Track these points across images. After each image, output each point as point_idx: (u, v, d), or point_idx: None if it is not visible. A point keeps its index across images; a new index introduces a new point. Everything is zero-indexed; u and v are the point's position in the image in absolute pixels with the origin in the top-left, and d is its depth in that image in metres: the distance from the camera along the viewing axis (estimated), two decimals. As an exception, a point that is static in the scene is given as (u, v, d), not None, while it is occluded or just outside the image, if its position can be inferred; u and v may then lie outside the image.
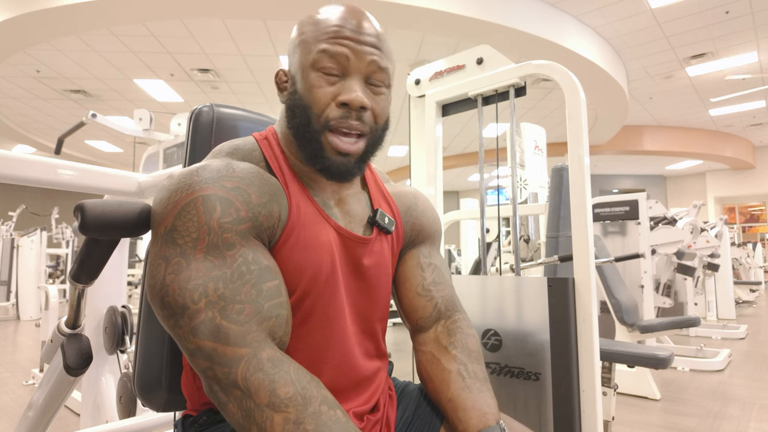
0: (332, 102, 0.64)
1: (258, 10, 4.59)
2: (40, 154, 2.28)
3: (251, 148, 0.69)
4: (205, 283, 0.56)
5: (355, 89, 0.64)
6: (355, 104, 0.63)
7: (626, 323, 2.63)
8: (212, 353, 0.55)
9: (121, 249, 1.70)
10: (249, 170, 0.64)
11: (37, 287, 6.20)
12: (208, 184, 0.59)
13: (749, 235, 13.35)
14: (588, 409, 1.01)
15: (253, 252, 0.60)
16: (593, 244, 1.07)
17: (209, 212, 0.58)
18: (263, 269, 0.60)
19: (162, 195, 0.60)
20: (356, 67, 0.64)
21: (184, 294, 0.56)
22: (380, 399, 0.75)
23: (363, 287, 0.72)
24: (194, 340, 0.55)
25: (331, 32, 0.64)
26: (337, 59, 0.64)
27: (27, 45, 5.31)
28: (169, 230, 0.58)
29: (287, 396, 0.54)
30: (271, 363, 0.56)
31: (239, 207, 0.60)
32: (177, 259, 0.57)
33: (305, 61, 0.65)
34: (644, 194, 3.40)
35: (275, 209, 0.63)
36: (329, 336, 0.67)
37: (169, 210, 0.59)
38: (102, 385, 1.62)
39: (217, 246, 0.58)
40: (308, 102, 0.65)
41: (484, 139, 1.31)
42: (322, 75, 0.64)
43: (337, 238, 0.69)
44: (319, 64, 0.64)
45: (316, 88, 0.64)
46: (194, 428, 0.68)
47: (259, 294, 0.58)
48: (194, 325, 0.55)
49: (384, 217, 0.75)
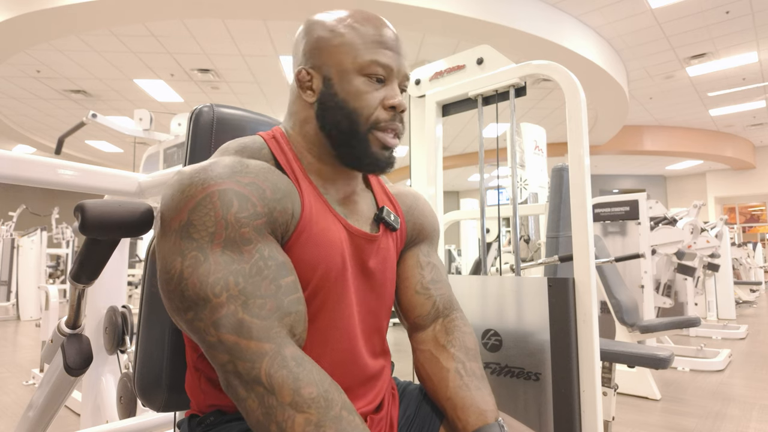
0: (379, 105, 0.69)
1: (258, 10, 4.59)
2: (41, 154, 2.28)
3: (259, 147, 0.69)
4: (226, 277, 0.56)
5: (399, 94, 0.71)
6: (401, 108, 0.70)
7: (626, 323, 2.63)
8: (234, 347, 0.55)
9: (121, 249, 1.71)
10: (262, 166, 0.64)
11: (38, 287, 6.21)
12: (224, 179, 0.59)
13: (749, 235, 13.35)
14: (588, 409, 1.01)
15: (269, 248, 0.60)
16: (593, 244, 1.07)
17: (226, 207, 0.58)
18: (280, 265, 0.60)
19: (174, 190, 0.60)
20: (396, 75, 0.70)
21: (204, 287, 0.56)
22: (384, 398, 0.75)
23: (370, 284, 0.73)
24: (216, 333, 0.55)
25: (377, 41, 0.68)
26: (386, 69, 0.69)
27: (27, 45, 5.31)
28: (184, 224, 0.57)
29: (310, 397, 0.54)
30: (295, 361, 0.56)
31: (255, 202, 0.60)
32: (194, 253, 0.57)
33: (349, 66, 0.67)
34: (644, 194, 3.40)
35: (289, 206, 0.64)
36: (338, 333, 0.68)
37: (184, 204, 0.58)
38: (102, 385, 1.62)
39: (235, 241, 0.58)
40: (355, 105, 0.67)
41: (484, 139, 1.31)
42: (369, 80, 0.68)
43: (347, 235, 0.70)
44: (369, 71, 0.68)
45: (365, 93, 0.68)
46: (201, 428, 0.67)
47: (279, 289, 0.59)
48: (216, 318, 0.55)
49: (390, 214, 0.76)
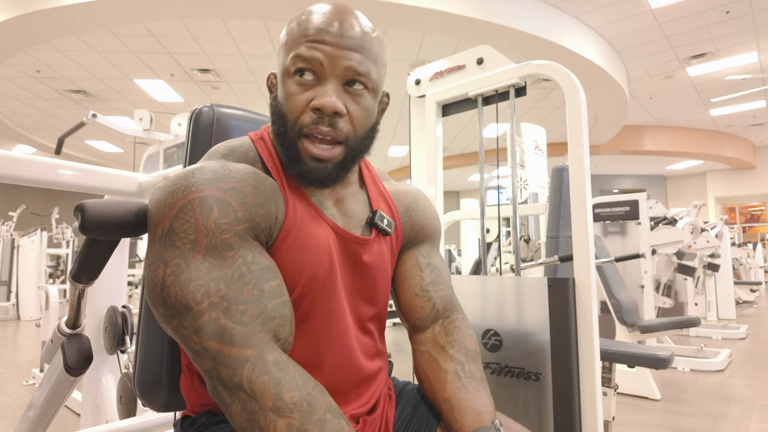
0: (307, 108, 0.63)
1: (258, 10, 4.59)
2: (41, 154, 2.28)
3: (247, 149, 0.69)
4: (207, 284, 0.56)
5: (328, 94, 0.61)
6: (327, 109, 0.61)
7: (626, 323, 2.63)
8: (217, 354, 0.55)
9: (121, 249, 1.71)
10: (245, 171, 0.64)
11: (38, 287, 6.21)
12: (205, 185, 0.59)
13: (749, 235, 13.35)
14: (588, 409, 1.01)
15: (252, 252, 0.60)
16: (593, 244, 1.07)
17: (206, 213, 0.58)
18: (264, 269, 0.60)
19: (158, 196, 0.60)
20: (331, 71, 0.62)
21: (186, 295, 0.56)
22: (379, 399, 0.75)
23: (362, 287, 0.72)
24: (198, 340, 0.55)
25: (309, 35, 0.62)
26: (311, 64, 0.62)
27: (27, 45, 5.31)
28: (166, 232, 0.58)
29: (292, 401, 0.54)
30: (276, 366, 0.55)
31: (236, 208, 0.60)
32: (176, 260, 0.57)
33: (283, 66, 0.65)
34: (644, 194, 3.40)
35: (272, 209, 0.63)
36: (329, 336, 0.67)
37: (166, 212, 0.58)
38: (102, 385, 1.62)
39: (216, 247, 0.58)
40: (285, 108, 0.64)
41: (484, 139, 1.31)
42: (298, 81, 0.63)
43: (335, 238, 0.69)
44: (294, 68, 0.63)
45: (292, 95, 0.63)
46: (193, 429, 0.68)
47: (262, 294, 0.58)
48: (198, 325, 0.55)
49: (383, 218, 0.74)
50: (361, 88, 0.65)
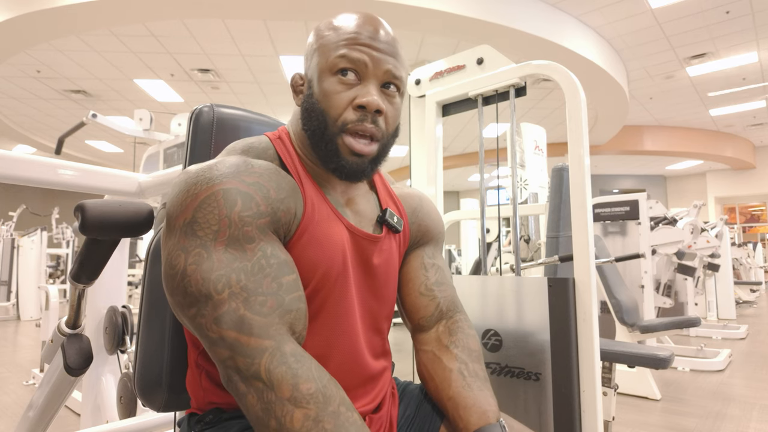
0: (349, 106, 0.66)
1: (258, 10, 4.59)
2: (41, 154, 2.28)
3: (265, 147, 0.70)
4: (228, 274, 0.57)
5: (372, 93, 0.65)
6: (372, 107, 0.65)
7: (626, 323, 2.63)
8: (235, 343, 0.55)
9: (121, 249, 1.71)
10: (266, 167, 0.65)
11: (38, 287, 6.21)
12: (228, 178, 0.60)
13: (749, 235, 13.35)
14: (588, 409, 1.01)
15: (271, 246, 0.61)
16: (593, 244, 1.07)
17: (230, 205, 0.59)
18: (282, 263, 0.61)
19: (179, 188, 0.61)
20: (373, 73, 0.66)
21: (207, 284, 0.56)
22: (384, 398, 0.75)
23: (372, 285, 0.73)
24: (217, 329, 0.56)
25: (350, 38, 0.66)
26: (355, 65, 0.65)
27: (27, 45, 5.31)
28: (188, 222, 0.58)
29: (309, 392, 0.54)
30: (294, 357, 0.56)
31: (259, 202, 0.61)
32: (197, 250, 0.57)
33: (323, 66, 0.67)
34: (644, 194, 3.40)
35: (292, 206, 0.65)
36: (338, 333, 0.68)
37: (188, 202, 0.59)
38: (102, 385, 1.62)
39: (238, 239, 0.58)
40: (325, 105, 0.66)
41: (484, 139, 1.31)
42: (340, 80, 0.66)
43: (349, 236, 0.70)
44: (337, 67, 0.65)
45: (334, 92, 0.66)
46: (200, 426, 0.68)
47: (280, 287, 0.59)
48: (218, 314, 0.56)
49: (393, 216, 0.77)
50: (394, 90, 0.69)
